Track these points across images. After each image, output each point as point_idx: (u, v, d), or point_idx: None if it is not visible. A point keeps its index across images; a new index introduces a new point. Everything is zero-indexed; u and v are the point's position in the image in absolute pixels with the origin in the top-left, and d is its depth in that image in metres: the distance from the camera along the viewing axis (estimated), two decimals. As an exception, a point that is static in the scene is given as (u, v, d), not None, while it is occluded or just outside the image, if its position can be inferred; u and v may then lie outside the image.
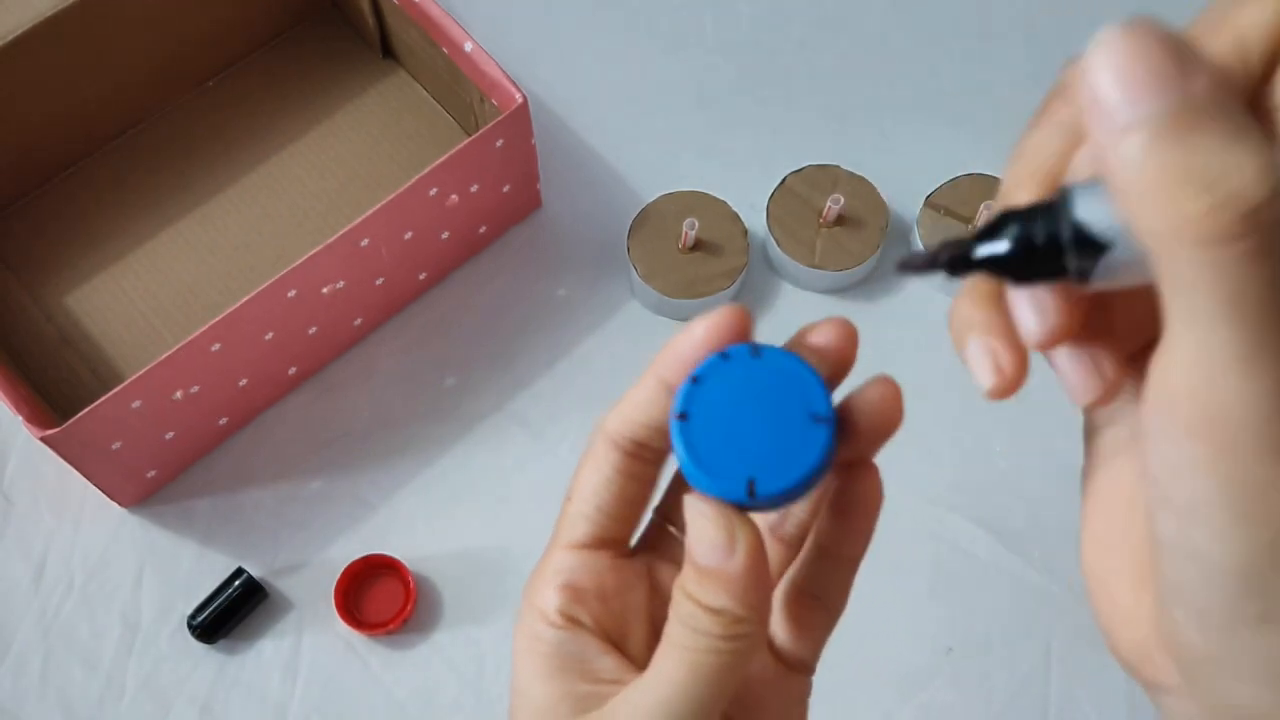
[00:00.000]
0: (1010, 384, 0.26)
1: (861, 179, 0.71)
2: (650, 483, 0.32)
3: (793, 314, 0.72)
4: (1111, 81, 0.21)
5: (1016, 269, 0.24)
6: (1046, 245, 0.24)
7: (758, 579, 0.28)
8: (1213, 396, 0.21)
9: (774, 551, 0.34)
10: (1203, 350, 0.21)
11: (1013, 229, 0.24)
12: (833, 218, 0.70)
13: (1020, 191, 0.26)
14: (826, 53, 0.79)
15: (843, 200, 0.69)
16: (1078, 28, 0.80)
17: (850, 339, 0.30)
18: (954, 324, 0.27)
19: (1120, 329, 0.27)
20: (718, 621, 0.28)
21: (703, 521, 0.28)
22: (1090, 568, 0.28)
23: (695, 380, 0.28)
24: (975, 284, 0.27)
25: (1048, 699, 0.63)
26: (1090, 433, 0.29)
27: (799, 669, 0.33)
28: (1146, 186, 0.21)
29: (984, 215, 0.69)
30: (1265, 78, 0.23)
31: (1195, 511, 0.22)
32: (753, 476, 0.28)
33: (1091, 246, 0.23)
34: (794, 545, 0.33)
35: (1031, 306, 0.25)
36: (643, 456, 0.31)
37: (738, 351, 0.29)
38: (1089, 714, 0.63)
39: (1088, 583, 0.28)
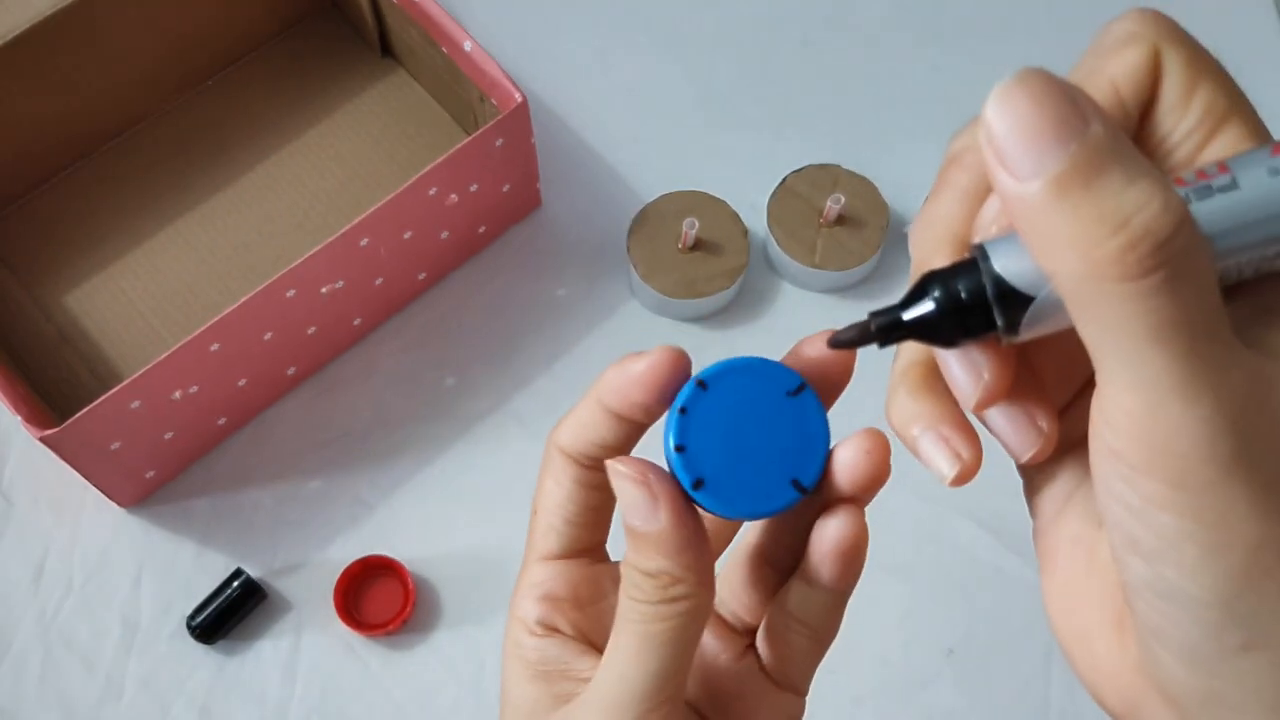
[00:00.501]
0: (970, 469, 0.26)
1: (862, 179, 0.71)
2: (609, 489, 0.32)
3: (793, 314, 0.71)
4: (1012, 136, 0.21)
5: (945, 330, 0.25)
6: (971, 302, 0.24)
7: (687, 537, 0.28)
8: (1156, 430, 0.21)
9: (763, 574, 0.34)
10: (1139, 385, 0.21)
11: (936, 290, 0.25)
12: (833, 218, 0.70)
13: (935, 258, 0.26)
14: (826, 53, 0.79)
15: (843, 200, 0.69)
16: (1079, 26, 0.80)
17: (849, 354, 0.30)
18: (894, 420, 0.28)
19: (1049, 384, 0.27)
20: (656, 584, 0.28)
21: (625, 484, 0.29)
22: (1060, 627, 0.28)
23: (702, 385, 0.29)
24: (904, 374, 0.28)
25: (1048, 700, 0.63)
26: (1031, 494, 0.29)
27: (789, 689, 0.33)
28: (1059, 233, 0.21)
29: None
30: (1141, 121, 0.25)
31: (1161, 550, 0.22)
32: (705, 478, 0.29)
33: (1015, 298, 0.24)
34: (786, 570, 0.33)
35: (965, 369, 0.26)
36: (600, 468, 0.31)
37: (747, 363, 0.29)
38: (1089, 715, 0.63)
39: (1061, 642, 0.28)
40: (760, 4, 0.81)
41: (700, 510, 0.29)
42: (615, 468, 0.29)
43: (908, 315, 0.25)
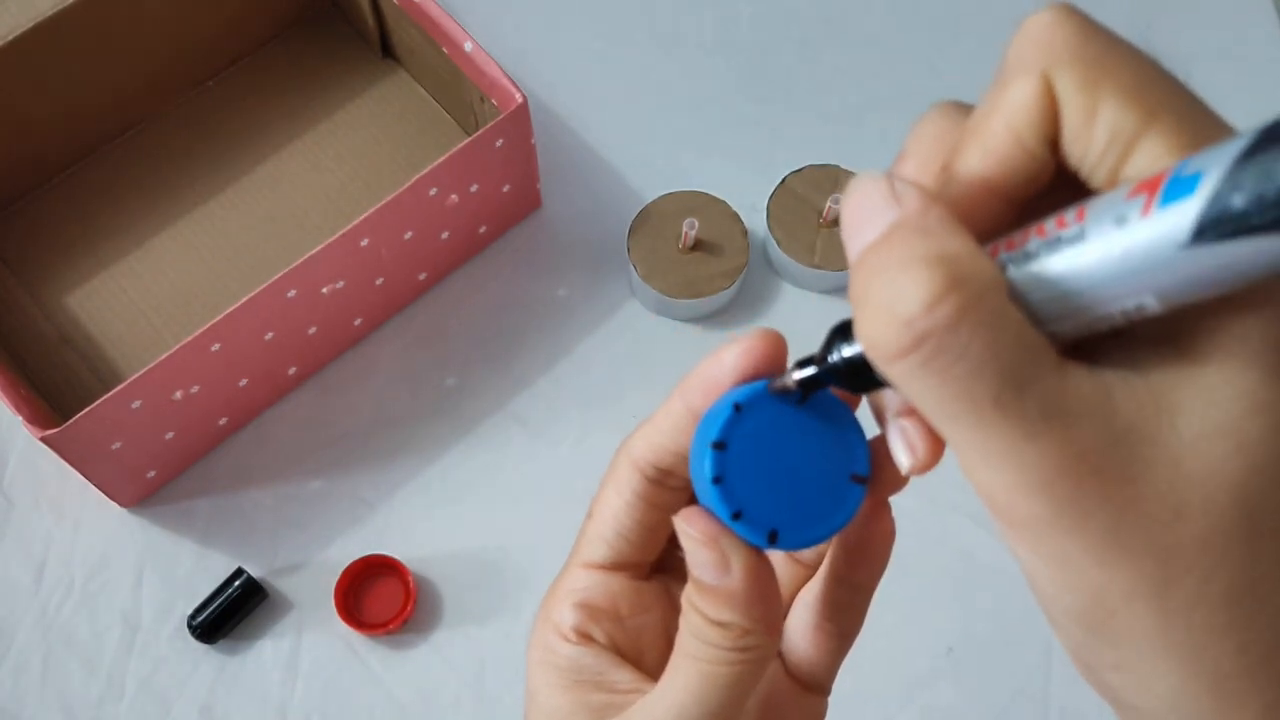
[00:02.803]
0: (923, 464, 0.26)
1: (862, 179, 0.71)
2: (673, 511, 0.31)
3: (793, 314, 0.72)
4: (843, 223, 0.23)
5: (853, 384, 0.26)
6: (861, 363, 0.25)
7: (760, 593, 0.28)
8: (981, 485, 0.22)
9: (789, 572, 0.34)
10: (955, 450, 0.22)
11: (837, 349, 0.26)
12: (833, 218, 0.70)
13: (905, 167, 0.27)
14: (826, 53, 0.79)
15: (842, 200, 0.69)
16: (1078, 27, 0.80)
17: (779, 350, 0.29)
18: (871, 403, 0.28)
19: None
20: (725, 634, 0.28)
21: (693, 545, 0.28)
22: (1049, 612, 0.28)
23: (738, 409, 0.27)
24: None
25: (1049, 699, 0.63)
26: None
27: (815, 690, 0.33)
28: (854, 311, 0.22)
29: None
30: (1053, 147, 0.23)
31: (1026, 575, 0.23)
32: (776, 528, 0.27)
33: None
34: (810, 566, 0.33)
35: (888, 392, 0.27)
36: (666, 484, 0.30)
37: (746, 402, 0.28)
38: (1090, 714, 0.63)
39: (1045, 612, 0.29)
40: (760, 4, 0.81)
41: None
42: (684, 528, 0.28)
43: (798, 377, 0.27)
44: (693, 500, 0.30)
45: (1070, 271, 0.21)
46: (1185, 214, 0.19)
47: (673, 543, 0.34)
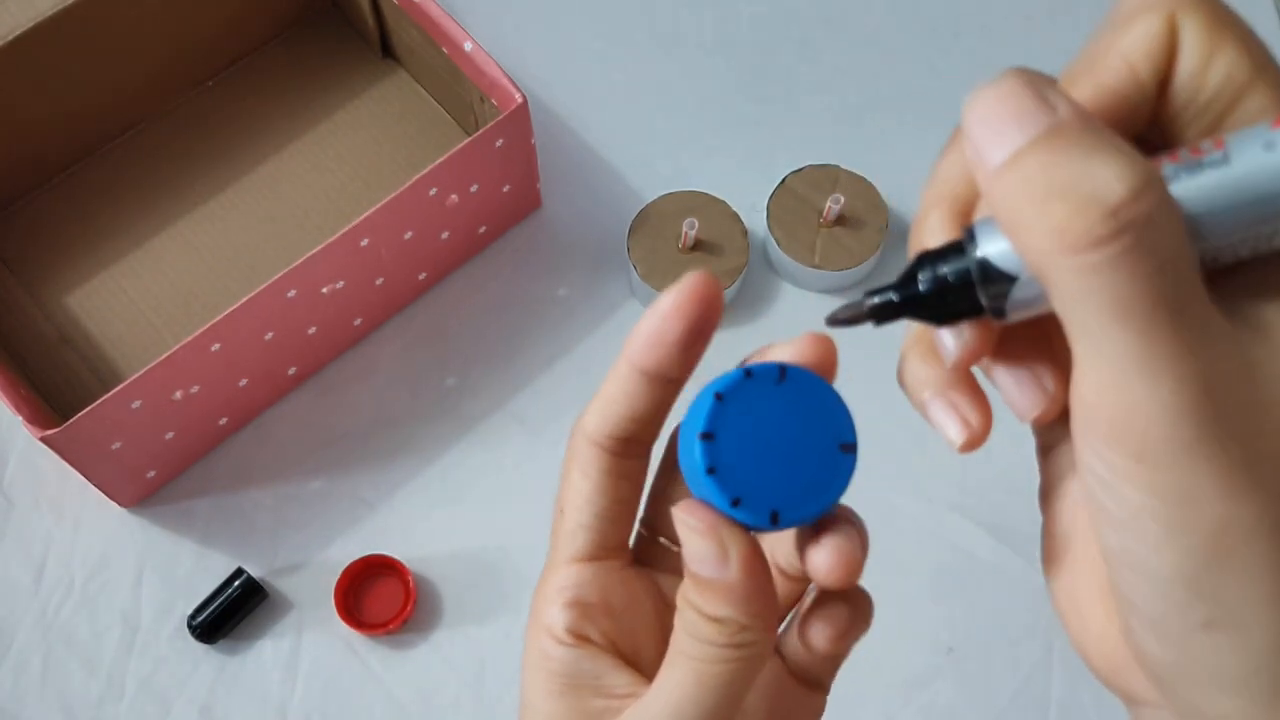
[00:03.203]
0: (979, 436, 0.26)
1: (861, 179, 0.71)
2: (640, 480, 0.31)
3: (793, 314, 0.72)
4: (980, 125, 0.22)
5: (935, 310, 0.25)
6: (958, 283, 0.25)
7: (757, 587, 0.27)
8: (1120, 405, 0.21)
9: (786, 588, 0.33)
10: (1101, 360, 0.21)
11: (927, 271, 0.25)
12: (833, 218, 0.70)
13: (934, 213, 0.26)
14: (826, 53, 0.79)
15: (843, 200, 0.69)
16: (1078, 26, 0.80)
17: (830, 355, 0.29)
18: (906, 384, 0.28)
19: (1060, 352, 0.27)
20: (722, 630, 0.27)
21: (692, 536, 0.27)
22: (1056, 588, 0.28)
23: (719, 398, 0.27)
24: (917, 339, 0.27)
25: (1049, 699, 0.63)
26: (1043, 452, 0.29)
27: (815, 688, 0.33)
28: (1017, 209, 0.21)
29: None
30: (1161, 91, 0.24)
31: (1128, 522, 0.22)
32: (776, 508, 0.27)
33: (999, 280, 0.24)
34: (803, 580, 0.33)
35: (951, 332, 0.26)
36: (630, 453, 0.30)
37: (762, 370, 0.28)
38: (1090, 714, 0.63)
39: (1055, 603, 0.28)
40: (760, 4, 0.81)
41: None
42: (683, 518, 0.28)
43: (899, 296, 0.26)
44: (660, 469, 0.30)
45: (1214, 193, 0.22)
46: None
47: (654, 532, 0.34)
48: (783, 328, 0.71)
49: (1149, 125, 0.24)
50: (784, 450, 0.27)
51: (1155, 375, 0.21)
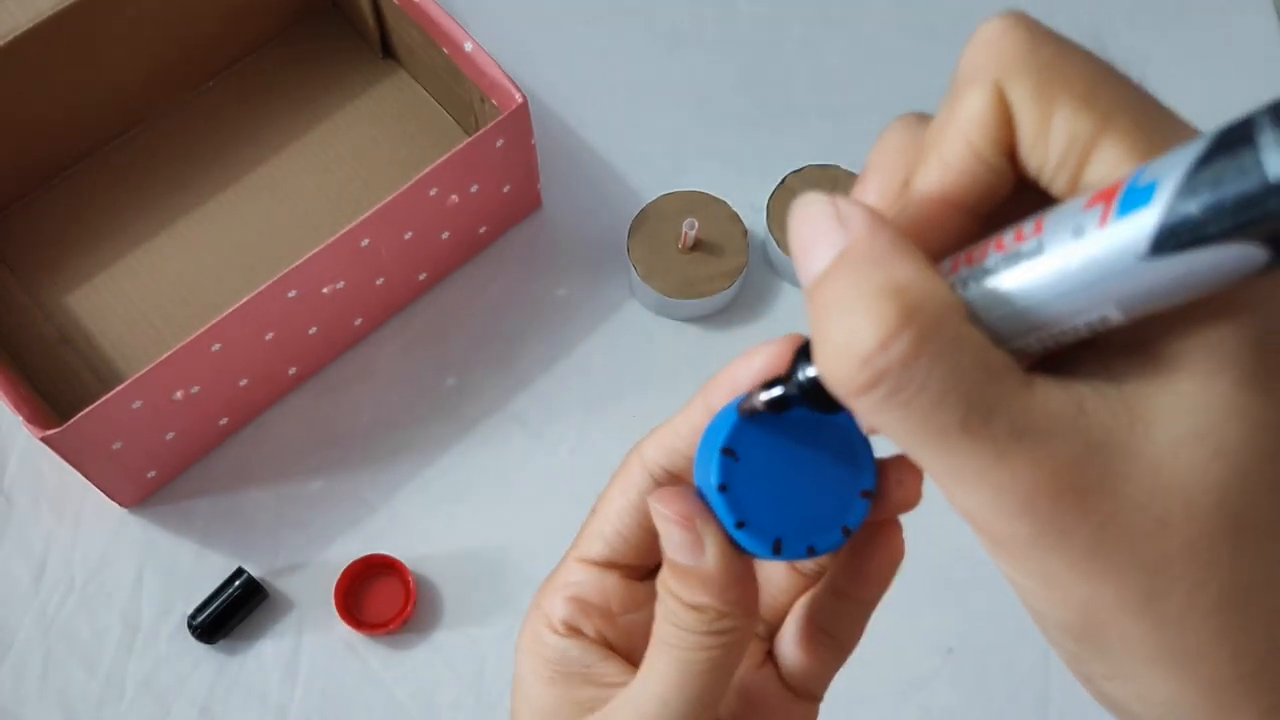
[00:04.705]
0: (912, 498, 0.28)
1: (861, 179, 0.71)
2: None
3: (793, 314, 0.72)
4: (793, 247, 0.23)
5: (816, 406, 0.25)
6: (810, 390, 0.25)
7: (735, 576, 0.28)
8: (961, 511, 0.22)
9: (789, 580, 0.33)
10: (930, 476, 0.22)
11: (802, 369, 0.25)
12: (833, 218, 0.70)
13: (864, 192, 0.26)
14: (826, 53, 0.79)
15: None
16: (1078, 27, 0.80)
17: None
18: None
19: None
20: (700, 618, 0.28)
21: (667, 525, 0.28)
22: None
23: (744, 418, 0.27)
24: None
25: (1048, 699, 0.63)
26: None
27: (806, 698, 0.33)
28: (813, 344, 0.22)
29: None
30: (1011, 156, 0.23)
31: (1015, 590, 0.23)
32: (780, 537, 0.27)
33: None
34: (811, 576, 0.33)
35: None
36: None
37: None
38: (1090, 714, 0.63)
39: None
40: (760, 4, 0.81)
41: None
42: (658, 509, 0.28)
43: (765, 398, 0.26)
44: None
45: (1030, 286, 0.21)
46: (1143, 225, 0.19)
47: None
48: (783, 328, 0.71)
49: (1021, 189, 0.23)
50: (801, 482, 0.27)
51: (969, 487, 0.21)
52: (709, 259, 0.69)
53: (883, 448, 0.28)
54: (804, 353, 0.25)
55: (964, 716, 0.63)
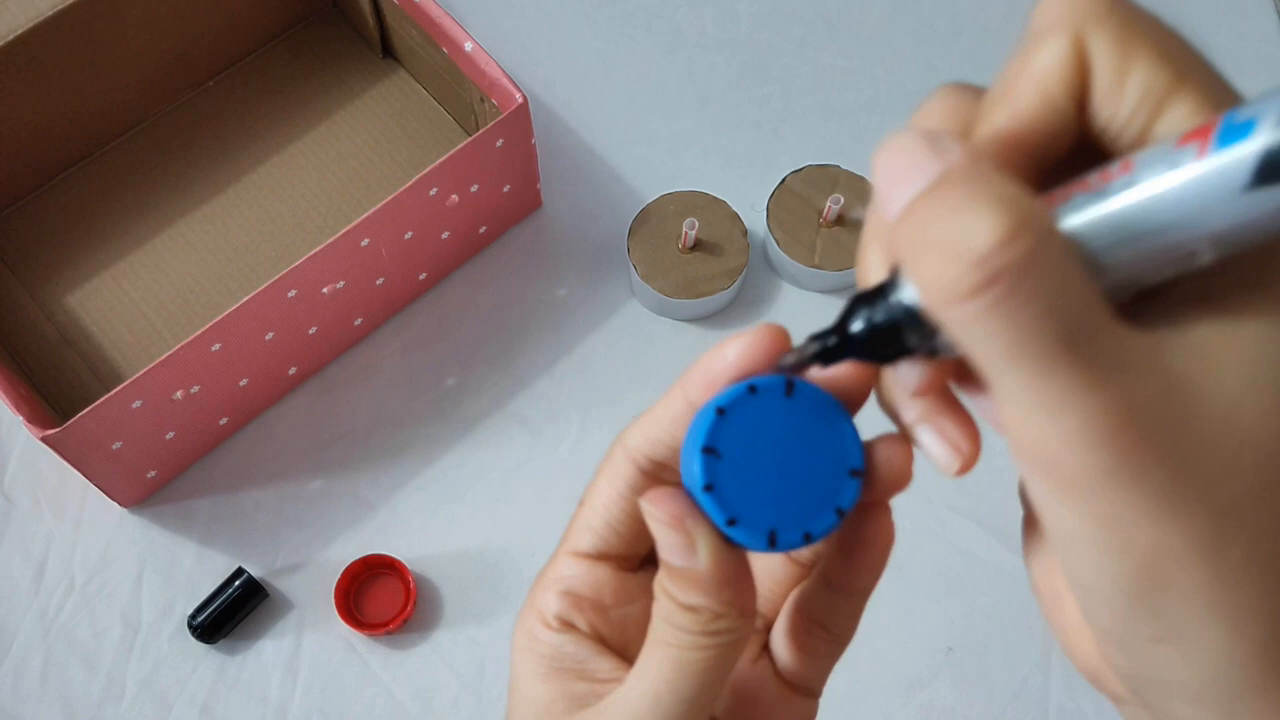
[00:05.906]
0: (970, 461, 0.26)
1: (861, 179, 0.71)
2: None
3: (793, 314, 0.72)
4: (880, 178, 0.23)
5: (876, 351, 0.25)
6: (887, 327, 0.24)
7: (729, 576, 0.27)
8: (1034, 440, 0.21)
9: (785, 570, 0.33)
10: (1006, 400, 0.22)
11: (860, 315, 0.25)
12: (833, 218, 0.70)
13: (871, 249, 0.26)
14: (826, 53, 0.79)
15: (843, 200, 0.69)
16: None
17: (781, 344, 0.28)
18: (890, 406, 0.27)
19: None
20: (696, 619, 0.28)
21: (658, 527, 0.27)
22: (1039, 586, 0.28)
23: (721, 413, 0.27)
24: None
25: (1048, 699, 0.63)
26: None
27: (804, 693, 0.33)
28: (906, 262, 0.22)
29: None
30: (1082, 110, 0.23)
31: (1069, 544, 0.23)
32: (774, 529, 0.27)
33: (922, 324, 0.24)
34: (807, 565, 0.33)
35: (907, 366, 0.26)
36: (661, 478, 0.30)
37: (768, 385, 0.27)
38: (1089, 714, 0.63)
39: (1040, 601, 0.28)
40: (760, 3, 0.81)
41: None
42: (649, 510, 0.28)
43: (836, 340, 0.25)
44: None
45: (1124, 218, 0.21)
46: (1244, 156, 0.19)
47: None
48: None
49: (1079, 144, 0.24)
50: (787, 470, 0.27)
51: (1058, 411, 0.21)
52: (709, 259, 0.69)
53: (867, 429, 0.28)
54: (862, 299, 0.25)
55: (964, 716, 0.63)
